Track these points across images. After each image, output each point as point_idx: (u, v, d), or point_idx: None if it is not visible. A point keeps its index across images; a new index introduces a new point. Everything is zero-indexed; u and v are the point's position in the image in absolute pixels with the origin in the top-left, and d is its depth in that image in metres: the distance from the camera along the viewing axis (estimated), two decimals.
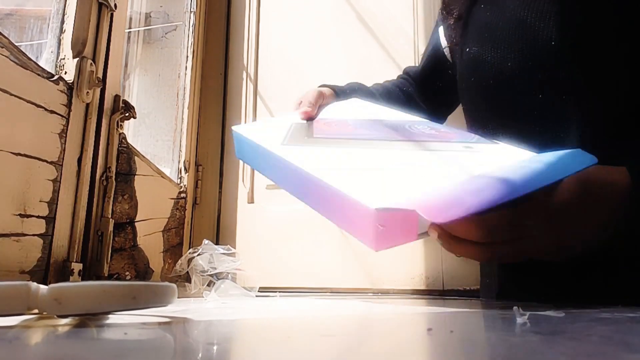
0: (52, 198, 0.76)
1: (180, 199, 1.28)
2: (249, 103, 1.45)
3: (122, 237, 0.96)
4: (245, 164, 1.41)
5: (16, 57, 0.70)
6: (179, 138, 1.36)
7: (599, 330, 0.22)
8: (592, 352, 0.17)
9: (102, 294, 0.22)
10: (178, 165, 1.34)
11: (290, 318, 0.26)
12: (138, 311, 0.26)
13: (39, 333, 0.20)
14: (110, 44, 0.93)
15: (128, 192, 0.98)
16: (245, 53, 1.48)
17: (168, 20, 1.56)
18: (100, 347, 0.18)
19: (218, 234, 1.39)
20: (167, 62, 1.52)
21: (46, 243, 0.75)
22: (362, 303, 0.58)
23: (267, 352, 0.16)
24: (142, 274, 1.03)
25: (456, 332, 0.21)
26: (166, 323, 0.24)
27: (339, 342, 0.19)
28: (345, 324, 0.24)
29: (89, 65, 0.85)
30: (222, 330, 0.22)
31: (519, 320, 0.25)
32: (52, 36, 0.87)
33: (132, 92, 1.51)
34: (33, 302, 0.21)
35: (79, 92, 0.83)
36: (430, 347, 0.17)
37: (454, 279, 1.15)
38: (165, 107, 1.47)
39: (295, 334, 0.20)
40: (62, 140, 0.79)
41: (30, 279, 0.72)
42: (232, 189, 1.41)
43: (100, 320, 0.24)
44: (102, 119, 0.90)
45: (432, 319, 0.26)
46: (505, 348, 0.18)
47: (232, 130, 0.59)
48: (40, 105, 0.74)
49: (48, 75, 0.78)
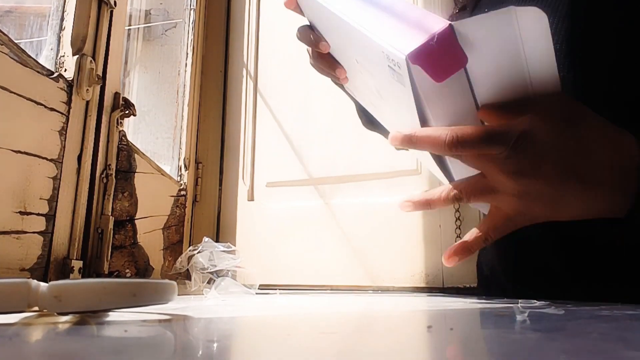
0: (52, 195, 0.76)
1: (180, 196, 1.28)
2: (249, 100, 1.44)
3: (122, 235, 0.96)
4: (245, 161, 1.41)
5: (16, 54, 0.70)
6: (179, 135, 1.36)
7: (599, 327, 0.22)
8: (591, 349, 0.17)
9: (102, 291, 0.22)
10: (178, 163, 1.34)
11: (290, 315, 0.26)
12: (138, 308, 0.26)
13: (39, 330, 0.20)
14: (110, 42, 0.93)
15: (128, 189, 0.98)
16: (245, 50, 1.48)
17: (168, 17, 1.56)
18: (100, 344, 0.18)
19: (218, 231, 1.39)
20: (167, 59, 1.52)
21: (46, 240, 0.75)
22: (362, 300, 0.58)
23: (267, 349, 0.17)
24: (142, 272, 1.03)
25: (456, 329, 0.21)
26: (166, 320, 0.24)
27: (339, 339, 0.19)
28: (345, 321, 0.24)
29: (89, 63, 0.85)
30: (222, 327, 0.22)
31: (518, 318, 0.25)
32: (51, 33, 0.86)
33: (132, 90, 1.51)
34: (33, 300, 0.21)
35: (79, 90, 0.83)
36: (431, 344, 0.17)
37: (454, 277, 1.15)
38: (165, 104, 1.47)
39: (296, 332, 0.20)
40: (62, 138, 0.79)
41: (30, 276, 0.72)
42: (232, 186, 1.41)
43: (100, 317, 0.24)
44: (102, 117, 0.90)
45: (432, 317, 0.26)
46: (505, 345, 0.18)
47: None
48: (40, 103, 0.74)
49: (48, 72, 0.77)
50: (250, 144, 1.41)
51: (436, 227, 1.17)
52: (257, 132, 1.42)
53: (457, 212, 1.14)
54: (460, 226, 1.14)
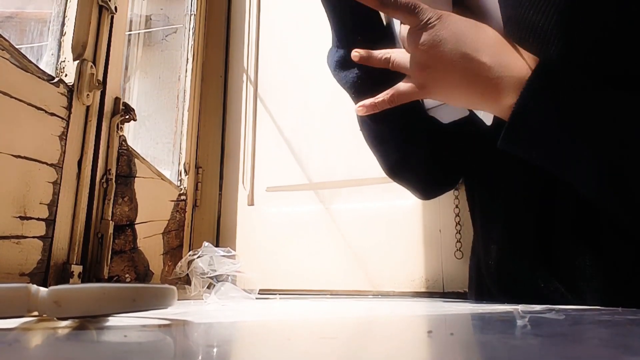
0: (52, 200, 0.76)
1: (180, 201, 1.28)
2: (249, 105, 1.45)
3: (122, 240, 0.96)
4: (245, 166, 1.41)
5: (17, 59, 0.70)
6: (179, 140, 1.36)
7: (599, 332, 0.22)
8: (592, 354, 0.17)
9: (102, 296, 0.22)
10: (178, 168, 1.34)
11: (290, 320, 0.26)
12: (138, 313, 0.26)
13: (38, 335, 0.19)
14: (111, 47, 0.93)
15: (128, 194, 0.98)
16: (245, 56, 1.49)
17: (168, 22, 1.56)
18: (100, 350, 0.18)
19: (218, 236, 1.39)
20: (167, 64, 1.52)
21: (46, 245, 0.75)
22: (362, 305, 0.58)
23: (267, 354, 0.16)
24: (142, 277, 1.03)
25: (456, 334, 0.21)
26: (166, 325, 0.24)
27: (340, 344, 0.19)
28: (346, 326, 0.24)
29: (90, 68, 0.85)
30: (222, 332, 0.22)
31: (519, 323, 0.25)
32: (52, 39, 0.87)
33: (132, 95, 1.51)
34: (33, 305, 0.21)
35: (79, 95, 0.83)
36: (431, 349, 0.17)
37: (454, 282, 1.15)
38: (166, 109, 1.47)
39: (296, 337, 0.20)
40: (62, 143, 0.79)
41: (30, 281, 0.72)
42: (232, 191, 1.41)
43: (100, 322, 0.24)
44: (102, 122, 0.90)
45: (432, 322, 0.26)
46: (505, 350, 0.18)
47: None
48: (40, 108, 0.75)
49: (48, 77, 0.78)
50: (250, 149, 1.41)
51: (436, 232, 1.17)
52: (257, 137, 1.42)
53: (457, 216, 1.14)
54: (460, 231, 1.14)
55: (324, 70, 1.41)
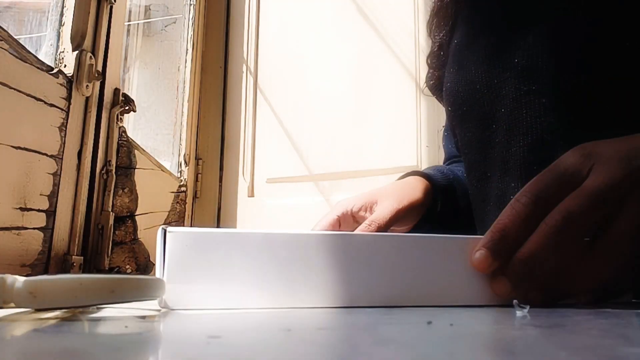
0: (53, 191, 0.76)
1: (180, 192, 1.28)
2: (249, 96, 1.44)
3: (122, 231, 0.96)
4: (245, 158, 1.41)
5: (15, 50, 0.70)
6: (179, 131, 1.36)
7: (599, 323, 0.22)
8: (591, 345, 0.17)
9: (78, 287, 0.22)
10: (178, 159, 1.34)
11: (290, 311, 0.26)
12: (135, 304, 0.25)
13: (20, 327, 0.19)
14: (110, 37, 0.93)
15: (128, 185, 0.98)
16: (245, 46, 1.48)
17: (167, 13, 1.55)
18: (96, 341, 0.18)
19: (218, 227, 1.39)
20: (166, 55, 1.52)
21: (47, 236, 0.75)
22: None
23: (268, 344, 0.17)
24: (143, 268, 1.03)
25: (456, 325, 0.21)
26: (164, 315, 0.24)
27: (339, 334, 0.19)
28: (345, 317, 0.24)
29: (89, 59, 0.85)
30: (223, 322, 0.22)
31: (518, 314, 0.25)
32: (51, 29, 0.86)
33: (132, 86, 1.50)
34: (8, 296, 0.21)
35: (79, 86, 0.83)
36: (430, 339, 0.17)
37: None
38: (165, 100, 1.47)
39: (296, 327, 0.20)
40: (62, 134, 0.79)
41: (31, 272, 0.72)
42: (232, 182, 1.41)
43: (91, 313, 0.24)
44: (102, 113, 0.90)
45: (432, 312, 0.26)
46: (505, 341, 0.18)
47: None
48: (40, 99, 0.74)
49: (47, 68, 0.77)
50: (250, 140, 1.41)
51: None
52: (257, 128, 1.42)
53: None
54: None
55: (324, 60, 1.41)
